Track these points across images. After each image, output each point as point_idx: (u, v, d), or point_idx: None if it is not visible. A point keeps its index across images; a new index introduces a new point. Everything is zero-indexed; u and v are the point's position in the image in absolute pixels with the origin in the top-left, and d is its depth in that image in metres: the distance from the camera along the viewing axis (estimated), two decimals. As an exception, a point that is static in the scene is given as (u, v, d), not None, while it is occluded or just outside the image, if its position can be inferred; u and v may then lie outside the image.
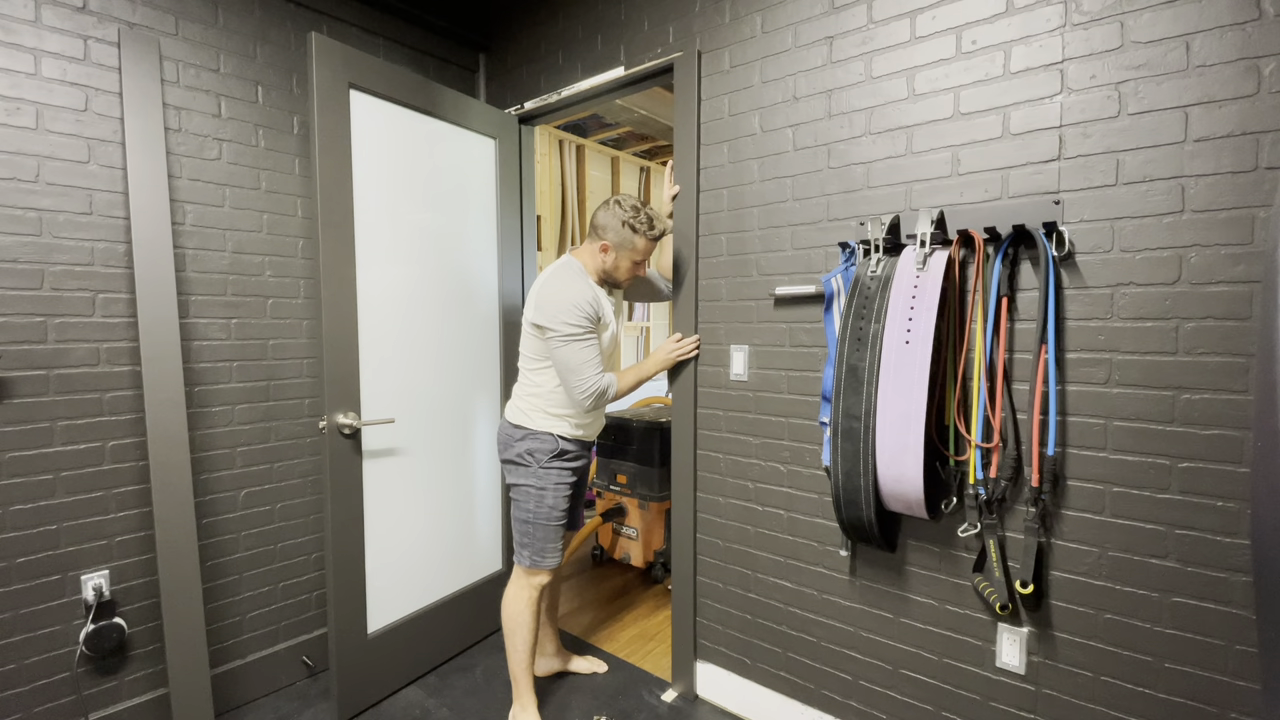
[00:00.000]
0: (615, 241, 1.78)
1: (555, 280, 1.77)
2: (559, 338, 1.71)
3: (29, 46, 1.59)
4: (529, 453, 1.81)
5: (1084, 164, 1.32)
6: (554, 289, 1.75)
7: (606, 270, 1.83)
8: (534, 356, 1.82)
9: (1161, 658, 1.28)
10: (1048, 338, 1.33)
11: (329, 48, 1.79)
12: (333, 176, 1.80)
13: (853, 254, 1.60)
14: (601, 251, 1.80)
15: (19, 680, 1.62)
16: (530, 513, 1.82)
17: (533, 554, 1.82)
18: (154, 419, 1.73)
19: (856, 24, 1.60)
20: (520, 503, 1.84)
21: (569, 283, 1.75)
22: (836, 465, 1.47)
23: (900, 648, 1.62)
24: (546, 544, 1.83)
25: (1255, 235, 1.16)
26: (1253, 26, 1.15)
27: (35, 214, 1.61)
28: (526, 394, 1.84)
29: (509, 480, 1.87)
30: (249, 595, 2.02)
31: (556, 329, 1.70)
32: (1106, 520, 1.32)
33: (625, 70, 2.08)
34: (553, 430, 1.82)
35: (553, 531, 1.83)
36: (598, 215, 1.81)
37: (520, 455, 1.82)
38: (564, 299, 1.72)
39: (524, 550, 1.84)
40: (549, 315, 1.72)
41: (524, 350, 1.85)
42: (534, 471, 1.81)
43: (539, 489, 1.81)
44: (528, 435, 1.82)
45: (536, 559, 1.82)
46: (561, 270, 1.80)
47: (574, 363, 1.72)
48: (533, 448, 1.81)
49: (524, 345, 1.85)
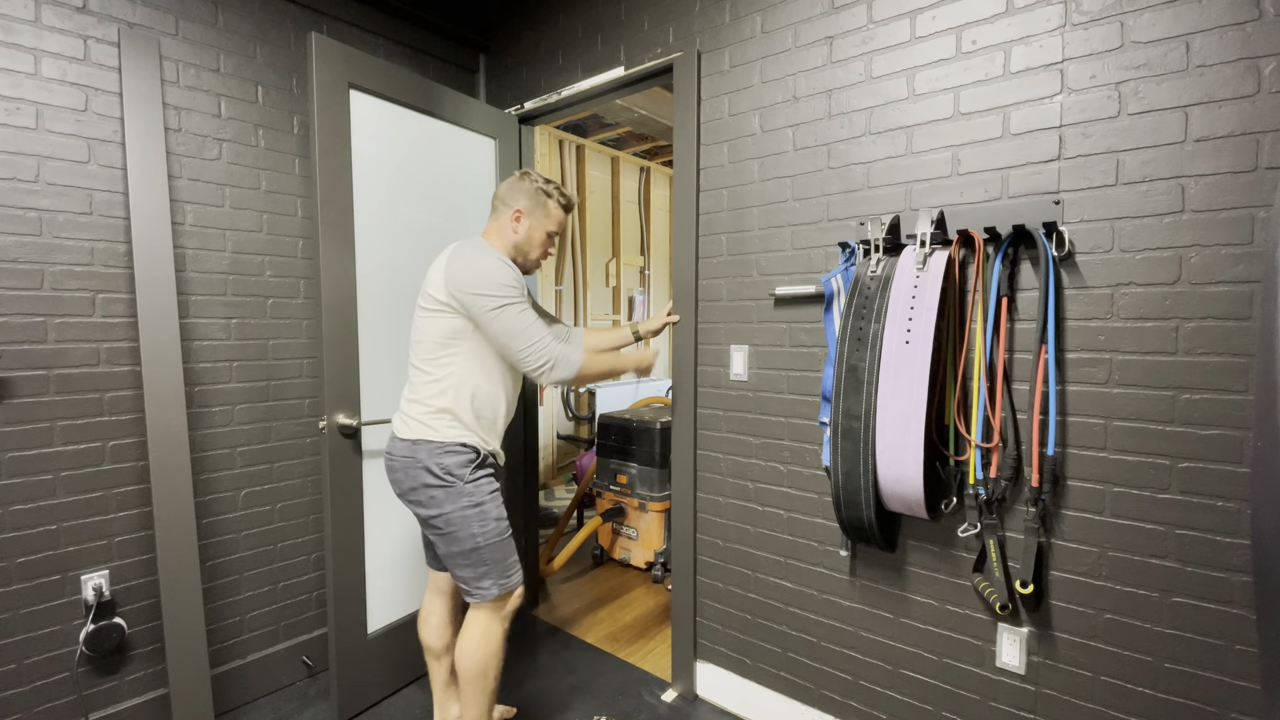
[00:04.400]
0: (528, 206, 1.60)
1: (463, 250, 1.53)
2: (490, 308, 1.45)
3: (29, 46, 1.59)
4: (445, 471, 1.49)
5: (1084, 164, 1.32)
6: (466, 259, 1.50)
7: (518, 244, 1.61)
8: (436, 342, 1.52)
9: (1161, 658, 1.28)
10: (1048, 338, 1.33)
11: (329, 48, 1.79)
12: (333, 176, 1.80)
13: (853, 254, 1.60)
14: (514, 220, 1.60)
15: (19, 680, 1.62)
16: (476, 536, 1.50)
17: (498, 578, 1.53)
18: (154, 419, 1.73)
19: (856, 24, 1.60)
20: (454, 534, 1.50)
21: (478, 250, 1.53)
22: (836, 465, 1.47)
23: (900, 648, 1.62)
24: (508, 559, 1.55)
25: (1255, 235, 1.16)
26: (1253, 26, 1.15)
27: (35, 214, 1.61)
28: (426, 397, 1.53)
29: (426, 514, 1.52)
30: (249, 595, 2.02)
31: (485, 294, 1.45)
32: (1106, 520, 1.32)
33: (625, 70, 2.08)
34: (463, 440, 1.52)
35: (509, 544, 1.56)
36: (502, 188, 1.64)
37: (435, 476, 1.49)
38: (484, 264, 1.49)
39: (485, 580, 1.52)
40: (469, 281, 1.46)
41: (421, 338, 1.55)
42: (460, 490, 1.49)
43: (476, 505, 1.50)
44: (437, 449, 1.50)
45: (504, 581, 1.54)
46: (465, 245, 1.55)
47: (517, 326, 1.47)
48: (447, 463, 1.49)
49: (420, 332, 1.55)
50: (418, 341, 1.57)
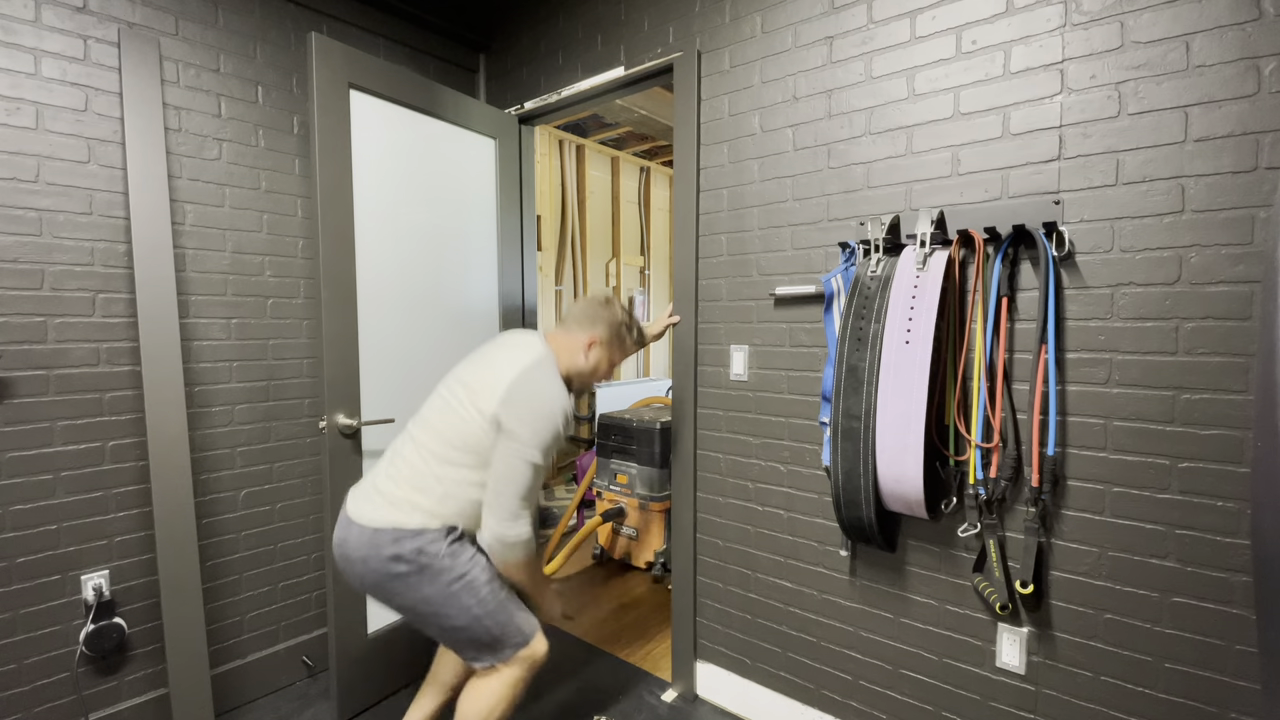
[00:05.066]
0: (605, 338, 1.55)
1: (537, 377, 1.39)
2: (523, 452, 1.34)
3: (29, 46, 1.59)
4: (416, 552, 1.33)
5: (1084, 164, 1.32)
6: (537, 389, 1.38)
7: (581, 370, 1.54)
8: (456, 443, 1.37)
9: (1161, 658, 1.28)
10: (1048, 338, 1.33)
11: (329, 48, 1.79)
12: (333, 176, 1.80)
13: (853, 254, 1.60)
14: (588, 347, 1.53)
15: (19, 680, 1.62)
16: (471, 609, 1.35)
17: (512, 639, 1.40)
18: (154, 419, 1.73)
19: (856, 24, 1.60)
20: (444, 615, 1.35)
21: (551, 386, 1.40)
22: (836, 465, 1.47)
23: (900, 648, 1.62)
24: (516, 614, 1.41)
25: (1255, 235, 1.16)
26: (1253, 26, 1.15)
27: (35, 214, 1.61)
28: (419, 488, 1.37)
29: (404, 603, 1.36)
30: (249, 595, 2.02)
31: (527, 441, 1.34)
32: (1106, 520, 1.32)
33: (625, 70, 2.08)
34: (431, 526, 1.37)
35: (512, 600, 1.43)
36: (584, 307, 1.56)
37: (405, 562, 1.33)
38: (549, 407, 1.37)
39: (499, 645, 1.39)
40: (527, 422, 1.34)
41: (444, 429, 1.39)
42: (436, 568, 1.34)
43: (459, 578, 1.35)
44: (403, 536, 1.34)
45: (519, 637, 1.40)
46: (542, 367, 1.42)
47: (523, 484, 1.35)
48: (416, 545, 1.34)
49: (448, 424, 1.39)
50: (432, 431, 1.40)
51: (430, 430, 1.41)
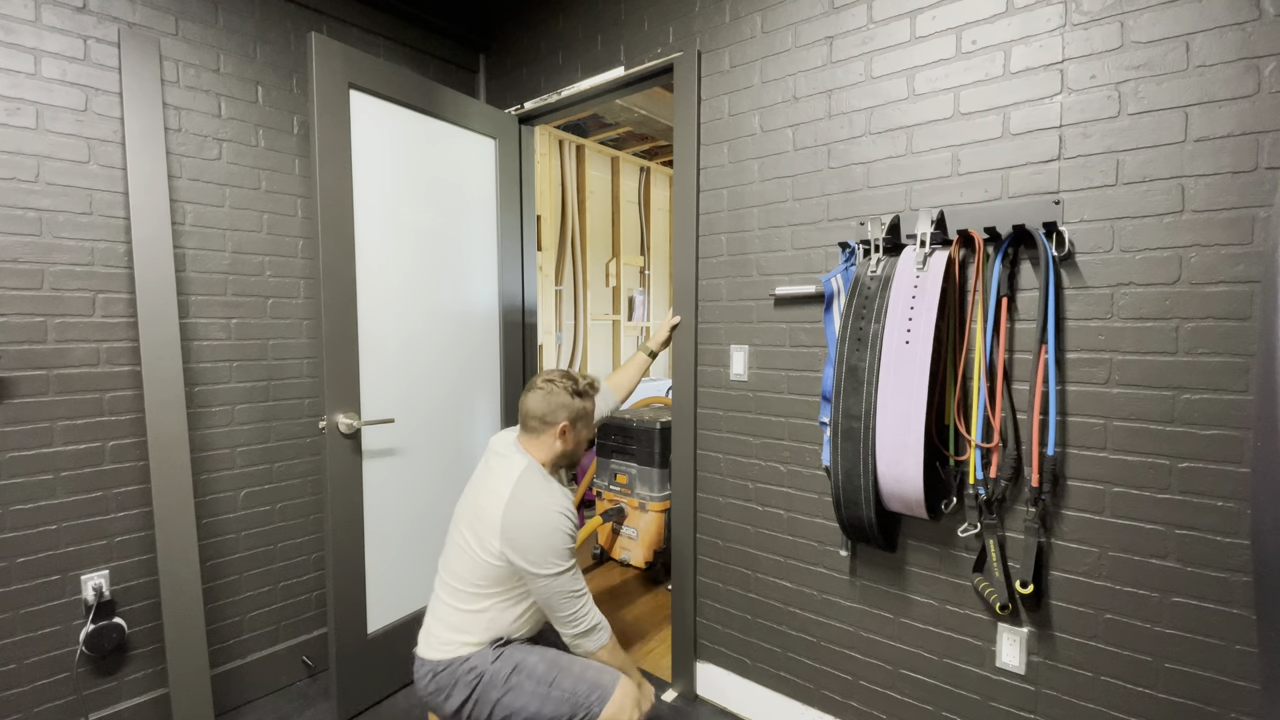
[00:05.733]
0: (572, 417, 1.54)
1: (528, 500, 1.42)
2: (549, 576, 1.39)
3: (29, 46, 1.59)
4: (472, 670, 1.41)
5: (1084, 164, 1.32)
6: (531, 515, 1.40)
7: (565, 452, 1.56)
8: (481, 583, 1.43)
9: (1161, 658, 1.28)
10: (1048, 338, 1.33)
11: (329, 48, 1.79)
12: (333, 176, 1.80)
13: (853, 254, 1.60)
14: (560, 437, 1.53)
15: (19, 680, 1.62)
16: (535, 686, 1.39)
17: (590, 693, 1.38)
18: (154, 419, 1.73)
19: (856, 24, 1.60)
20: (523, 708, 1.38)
21: (546, 501, 1.43)
22: (836, 465, 1.47)
23: (900, 648, 1.62)
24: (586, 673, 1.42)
25: (1255, 235, 1.16)
26: (1253, 26, 1.15)
27: (35, 214, 1.61)
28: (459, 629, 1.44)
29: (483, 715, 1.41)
30: (249, 595, 2.02)
31: (546, 565, 1.38)
32: (1106, 520, 1.32)
33: (625, 70, 2.08)
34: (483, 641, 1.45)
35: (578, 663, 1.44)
36: (536, 405, 1.52)
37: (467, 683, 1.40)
38: (549, 527, 1.40)
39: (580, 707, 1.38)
40: (536, 555, 1.38)
41: (465, 573, 1.45)
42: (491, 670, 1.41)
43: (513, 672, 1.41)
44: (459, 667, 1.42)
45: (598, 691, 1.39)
46: (528, 483, 1.45)
47: (568, 590, 1.41)
48: (473, 665, 1.41)
49: (467, 568, 1.44)
50: (452, 572, 1.48)
51: (456, 576, 1.47)
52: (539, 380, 1.57)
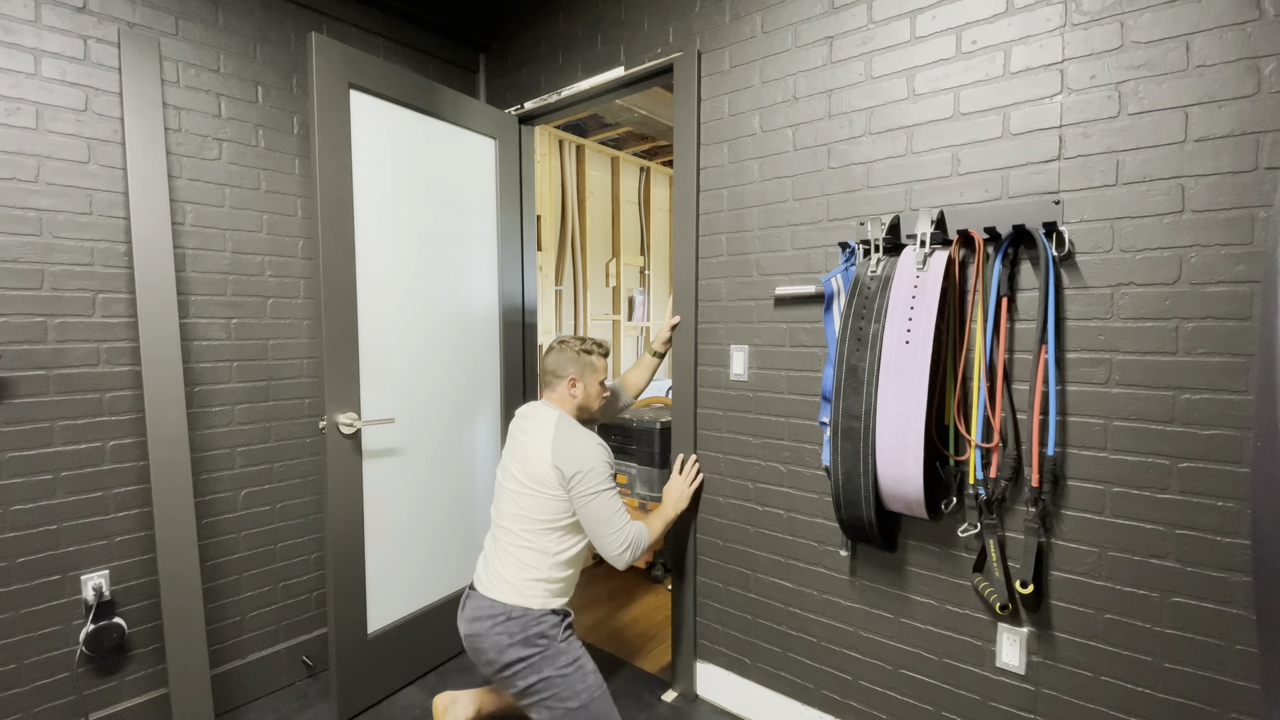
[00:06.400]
0: (578, 371, 1.77)
1: (568, 429, 1.67)
2: (589, 490, 1.59)
3: (29, 46, 1.59)
4: (541, 635, 1.58)
5: (1084, 164, 1.32)
6: (573, 437, 1.65)
7: (581, 404, 1.79)
8: (542, 519, 1.63)
9: (1161, 658, 1.28)
10: (1048, 338, 1.33)
11: (329, 48, 1.79)
12: (333, 176, 1.80)
13: (853, 254, 1.60)
14: (571, 387, 1.77)
15: (19, 680, 1.62)
16: (581, 694, 1.56)
17: None
18: (154, 419, 1.73)
19: (856, 24, 1.60)
20: (557, 696, 1.55)
21: (585, 437, 1.67)
22: (836, 465, 1.47)
23: (900, 648, 1.62)
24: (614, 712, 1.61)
25: (1255, 235, 1.16)
26: (1253, 26, 1.15)
27: (35, 214, 1.61)
28: (526, 565, 1.62)
29: (526, 683, 1.56)
30: (249, 595, 2.02)
31: (590, 480, 1.59)
32: (1106, 520, 1.32)
33: (625, 70, 2.08)
34: (554, 607, 1.65)
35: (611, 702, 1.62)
36: (550, 361, 1.79)
37: (531, 646, 1.57)
38: (592, 445, 1.64)
39: None
40: (581, 463, 1.59)
41: (524, 511, 1.64)
42: (556, 649, 1.59)
43: (573, 662, 1.59)
44: (530, 622, 1.59)
45: None
46: (565, 422, 1.69)
47: (607, 513, 1.60)
48: (543, 629, 1.60)
49: (524, 506, 1.64)
50: (516, 515, 1.65)
51: (513, 519, 1.66)
52: (555, 341, 1.84)
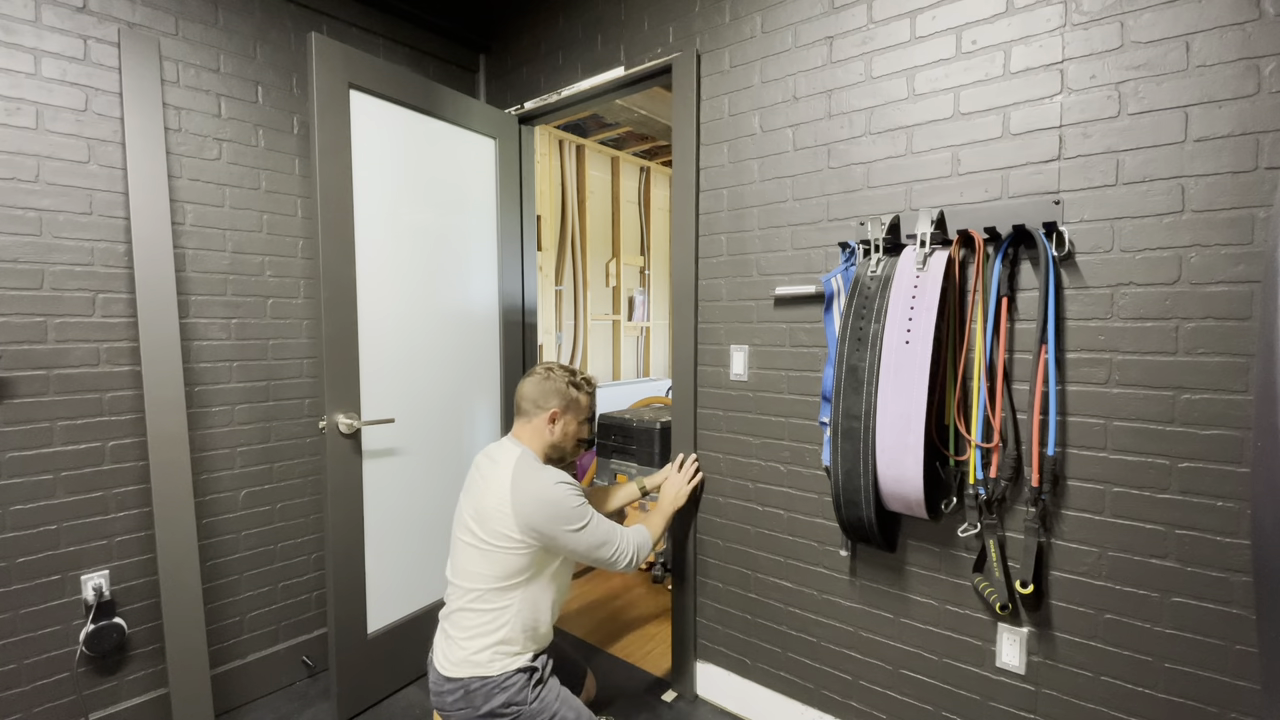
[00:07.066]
0: (562, 405, 1.60)
1: (527, 471, 1.49)
2: (572, 530, 1.46)
3: (29, 46, 1.59)
4: (507, 705, 1.43)
5: (1084, 164, 1.32)
6: (532, 480, 1.47)
7: (554, 443, 1.61)
8: (497, 582, 1.46)
9: (1161, 658, 1.28)
10: (1048, 338, 1.33)
11: (329, 48, 1.79)
12: (333, 176, 1.80)
13: (853, 254, 1.60)
14: (550, 422, 1.59)
15: (19, 680, 1.62)
16: None
17: None
18: (154, 419, 1.73)
19: (856, 24, 1.60)
20: None
21: (543, 477, 1.49)
22: (836, 465, 1.47)
23: (900, 648, 1.62)
24: None
25: (1255, 235, 1.16)
26: (1253, 26, 1.15)
27: (35, 214, 1.61)
28: (487, 631, 1.45)
29: None
30: (249, 595, 2.02)
31: (565, 526, 1.45)
32: (1106, 520, 1.32)
33: (625, 70, 2.08)
34: (519, 666, 1.47)
35: None
36: (530, 388, 1.60)
37: (498, 714, 1.43)
38: (552, 495, 1.46)
39: None
40: (547, 517, 1.44)
41: (474, 575, 1.47)
42: (529, 713, 1.45)
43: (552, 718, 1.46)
44: (492, 689, 1.43)
45: None
46: (525, 462, 1.51)
47: (598, 539, 1.50)
48: (508, 697, 1.44)
49: (471, 569, 1.47)
50: (470, 575, 1.48)
51: (470, 576, 1.49)
52: (539, 367, 1.66)
